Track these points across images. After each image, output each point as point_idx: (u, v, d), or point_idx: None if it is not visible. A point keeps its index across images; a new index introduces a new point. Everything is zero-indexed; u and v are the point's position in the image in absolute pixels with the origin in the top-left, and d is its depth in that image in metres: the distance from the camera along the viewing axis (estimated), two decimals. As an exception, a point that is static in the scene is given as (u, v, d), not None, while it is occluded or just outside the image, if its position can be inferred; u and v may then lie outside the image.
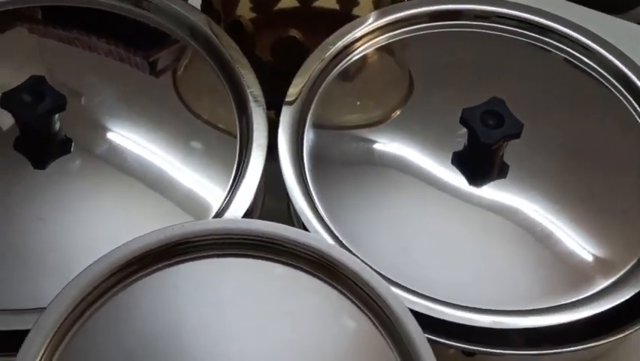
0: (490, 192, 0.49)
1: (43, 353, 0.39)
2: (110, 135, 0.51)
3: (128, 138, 0.51)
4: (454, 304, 0.44)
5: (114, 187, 0.49)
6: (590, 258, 0.47)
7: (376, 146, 0.51)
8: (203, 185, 0.49)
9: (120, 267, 0.41)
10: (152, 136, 0.51)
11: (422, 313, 0.43)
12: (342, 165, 0.51)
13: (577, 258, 0.47)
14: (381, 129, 0.52)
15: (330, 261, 0.42)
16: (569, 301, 0.45)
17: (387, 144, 0.51)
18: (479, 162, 0.49)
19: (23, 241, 0.46)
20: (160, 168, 0.50)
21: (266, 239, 0.43)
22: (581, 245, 0.48)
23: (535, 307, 0.45)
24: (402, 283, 0.44)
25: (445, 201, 0.49)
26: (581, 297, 0.45)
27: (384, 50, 0.56)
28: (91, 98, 0.52)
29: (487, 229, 0.48)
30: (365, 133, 0.52)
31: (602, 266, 0.47)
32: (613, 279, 0.47)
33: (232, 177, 0.49)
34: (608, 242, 0.48)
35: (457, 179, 0.49)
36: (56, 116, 0.48)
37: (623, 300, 0.45)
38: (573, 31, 0.56)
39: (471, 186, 0.49)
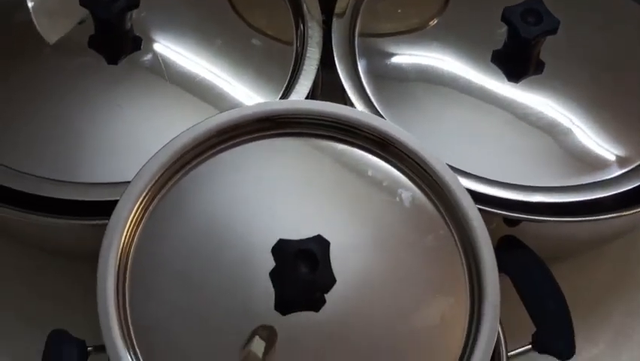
0: (527, 86, 0.53)
1: (134, 216, 0.44)
2: (168, 41, 0.55)
3: (187, 42, 0.55)
4: (499, 182, 0.49)
5: (182, 79, 0.53)
6: (610, 151, 0.52)
7: (421, 49, 0.56)
8: (267, 75, 0.54)
9: (203, 140, 0.46)
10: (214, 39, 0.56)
11: (472, 190, 0.48)
12: (391, 67, 0.55)
13: (597, 150, 0.52)
14: (425, 34, 0.56)
15: (388, 139, 0.47)
16: (594, 181, 0.50)
17: (431, 47, 0.55)
18: (517, 59, 0.53)
19: (107, 124, 0.50)
20: (222, 68, 0.54)
21: (329, 119, 0.47)
22: (601, 140, 0.52)
23: (564, 185, 0.50)
24: (451, 164, 0.49)
25: (485, 95, 0.53)
26: (603, 179, 0.51)
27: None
28: (141, 11, 0.55)
29: (522, 119, 0.52)
30: (409, 38, 0.57)
31: (620, 159, 0.52)
32: (628, 169, 0.52)
33: (290, 71, 0.54)
34: (625, 139, 0.53)
35: (496, 75, 0.53)
36: (128, 14, 0.52)
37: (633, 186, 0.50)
38: None
39: (509, 82, 0.53)
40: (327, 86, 0.57)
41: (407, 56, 0.56)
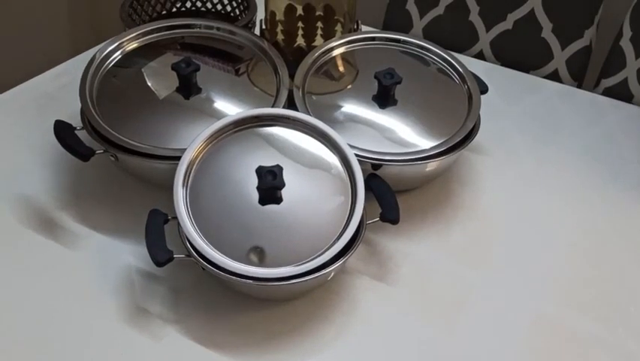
0: (389, 111, 1.06)
1: (193, 158, 0.95)
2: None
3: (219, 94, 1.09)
4: (368, 150, 1.00)
5: (223, 108, 1.06)
6: (429, 138, 1.03)
7: (342, 100, 1.09)
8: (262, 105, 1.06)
9: (225, 127, 0.98)
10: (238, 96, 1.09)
11: (358, 154, 0.98)
12: (325, 106, 1.08)
13: (421, 138, 1.03)
14: (343, 92, 1.10)
15: (317, 129, 0.99)
16: (417, 150, 1.01)
17: (348, 99, 1.09)
18: (383, 97, 1.06)
19: (183, 124, 1.03)
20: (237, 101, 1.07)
21: (292, 118, 0.99)
22: (425, 134, 1.04)
23: (402, 152, 1.01)
24: (349, 143, 0.99)
25: (367, 116, 1.06)
26: (422, 148, 1.02)
27: (344, 54, 1.15)
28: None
29: (386, 127, 1.05)
30: (335, 95, 1.10)
31: (432, 142, 1.03)
32: (441, 141, 1.03)
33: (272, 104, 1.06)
34: (437, 134, 1.04)
35: (373, 106, 1.07)
36: (194, 76, 1.06)
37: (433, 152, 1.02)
38: None
39: (380, 108, 1.06)
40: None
41: (335, 103, 1.08)
